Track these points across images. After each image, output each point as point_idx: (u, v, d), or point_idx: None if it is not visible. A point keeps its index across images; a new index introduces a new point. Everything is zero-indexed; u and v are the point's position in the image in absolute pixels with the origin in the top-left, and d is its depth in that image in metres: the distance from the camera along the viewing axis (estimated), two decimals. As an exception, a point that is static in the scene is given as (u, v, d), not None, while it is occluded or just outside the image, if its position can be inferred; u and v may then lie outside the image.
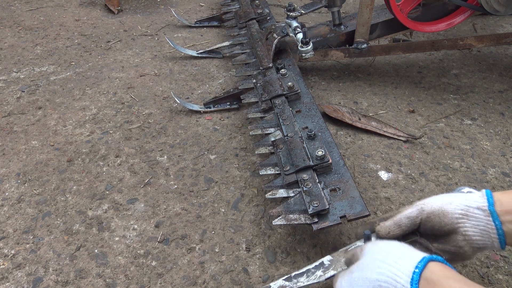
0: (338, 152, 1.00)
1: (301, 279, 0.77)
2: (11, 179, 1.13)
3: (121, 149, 1.23)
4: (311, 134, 1.02)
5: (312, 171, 0.94)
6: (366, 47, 1.44)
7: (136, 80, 1.57)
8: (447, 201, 0.70)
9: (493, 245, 0.67)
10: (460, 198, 0.70)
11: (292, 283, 0.77)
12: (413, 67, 1.64)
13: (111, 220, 1.01)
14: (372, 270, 0.61)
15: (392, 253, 0.62)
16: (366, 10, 1.36)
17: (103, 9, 2.17)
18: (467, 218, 0.67)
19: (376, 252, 0.64)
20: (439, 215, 0.69)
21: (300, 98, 1.20)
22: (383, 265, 0.60)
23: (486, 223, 0.66)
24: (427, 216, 0.70)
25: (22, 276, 0.88)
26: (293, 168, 0.96)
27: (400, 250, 0.63)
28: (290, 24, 1.35)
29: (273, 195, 0.96)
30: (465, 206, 0.68)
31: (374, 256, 0.63)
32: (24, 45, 1.81)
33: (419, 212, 0.71)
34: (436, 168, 1.15)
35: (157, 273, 0.89)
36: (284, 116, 1.12)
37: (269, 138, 1.11)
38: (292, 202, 0.90)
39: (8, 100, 1.45)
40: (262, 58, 1.38)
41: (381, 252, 0.64)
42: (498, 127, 1.31)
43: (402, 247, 0.64)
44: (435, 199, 0.72)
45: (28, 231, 0.98)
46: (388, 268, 0.60)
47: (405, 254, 0.61)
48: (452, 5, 1.44)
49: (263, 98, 1.21)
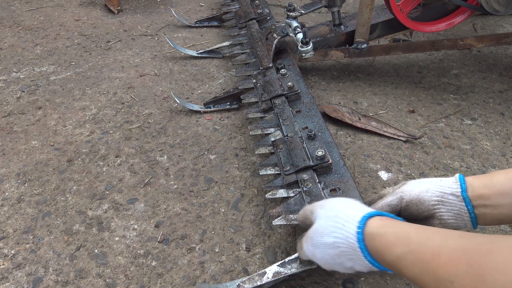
0: (338, 152, 1.00)
1: (294, 265, 0.80)
2: (11, 179, 1.13)
3: (121, 149, 1.23)
4: (311, 134, 1.02)
5: (312, 171, 0.94)
6: (366, 47, 1.44)
7: (136, 80, 1.57)
8: (424, 189, 0.75)
9: (466, 226, 0.73)
10: (436, 185, 0.75)
11: (286, 268, 0.80)
12: (413, 67, 1.64)
13: (111, 220, 1.01)
14: (328, 235, 0.68)
15: (339, 216, 0.68)
16: (366, 10, 1.36)
17: (103, 9, 2.18)
18: (442, 204, 0.73)
19: (326, 217, 0.70)
20: (417, 203, 0.75)
21: (300, 98, 1.20)
22: (335, 229, 0.67)
23: (459, 208, 0.72)
24: (406, 205, 0.76)
25: (22, 276, 0.88)
26: (293, 168, 0.96)
27: (345, 212, 0.68)
28: (290, 24, 1.35)
29: (273, 195, 0.96)
30: (440, 192, 0.73)
31: (325, 222, 0.70)
32: (24, 45, 1.81)
33: (399, 201, 0.77)
34: (436, 168, 1.15)
35: (157, 273, 0.89)
36: (284, 116, 1.12)
37: (269, 138, 1.11)
38: (292, 202, 0.90)
39: (8, 100, 1.45)
40: (262, 58, 1.38)
41: (330, 217, 0.70)
42: (498, 127, 1.31)
43: (345, 207, 0.70)
44: (413, 186, 0.77)
45: (28, 231, 0.98)
46: (339, 231, 0.66)
47: (349, 216, 0.67)
48: (452, 5, 1.44)
49: (263, 98, 1.21)
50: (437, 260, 0.50)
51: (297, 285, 0.86)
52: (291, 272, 0.79)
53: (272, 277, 0.79)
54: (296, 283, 0.86)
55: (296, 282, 0.86)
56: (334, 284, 0.86)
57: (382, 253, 0.60)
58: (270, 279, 0.79)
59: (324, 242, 0.68)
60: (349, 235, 0.65)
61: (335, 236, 0.67)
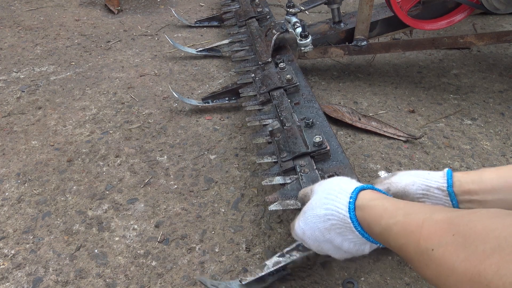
0: (336, 141, 0.98)
1: (293, 253, 0.81)
2: (11, 179, 1.13)
3: (121, 149, 1.23)
4: (309, 122, 1.00)
5: (309, 158, 0.92)
6: (365, 45, 1.44)
7: (136, 80, 1.57)
8: (410, 182, 0.75)
9: None
10: (422, 178, 0.75)
11: (286, 257, 0.80)
12: (413, 67, 1.64)
13: (111, 220, 1.01)
14: (320, 207, 0.70)
15: (333, 189, 0.71)
16: (366, 7, 1.36)
17: (103, 9, 2.18)
18: (427, 198, 0.74)
19: (321, 191, 0.73)
20: (402, 196, 0.75)
21: (299, 91, 1.19)
22: (327, 201, 0.69)
23: (444, 202, 0.72)
24: (392, 196, 0.76)
25: (22, 276, 0.88)
26: (290, 155, 0.94)
27: (339, 185, 0.71)
28: (290, 20, 1.35)
29: (269, 182, 0.94)
30: (426, 186, 0.74)
31: (320, 195, 0.72)
32: (24, 45, 1.81)
33: (385, 192, 0.77)
34: (436, 168, 1.15)
35: (157, 273, 0.89)
36: (282, 107, 1.11)
37: (266, 129, 1.09)
38: (289, 188, 0.89)
39: (8, 100, 1.45)
40: (261, 53, 1.38)
41: (325, 190, 0.72)
42: (498, 127, 1.31)
43: (341, 182, 0.72)
44: (400, 178, 0.77)
45: (28, 231, 0.98)
46: (332, 203, 0.68)
47: (342, 188, 0.70)
48: (453, 3, 1.44)
49: (261, 91, 1.20)
50: (420, 231, 0.52)
51: (298, 285, 0.86)
52: (291, 259, 0.80)
53: (273, 266, 0.79)
54: (296, 283, 0.86)
55: (297, 283, 0.86)
56: (334, 284, 0.86)
57: (372, 224, 0.62)
58: (271, 268, 0.79)
59: (315, 214, 0.70)
60: (341, 205, 0.67)
61: (326, 208, 0.69)
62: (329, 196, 0.70)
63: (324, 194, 0.71)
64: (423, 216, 0.54)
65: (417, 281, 0.86)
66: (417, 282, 0.86)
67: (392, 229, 0.57)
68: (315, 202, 0.72)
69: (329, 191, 0.71)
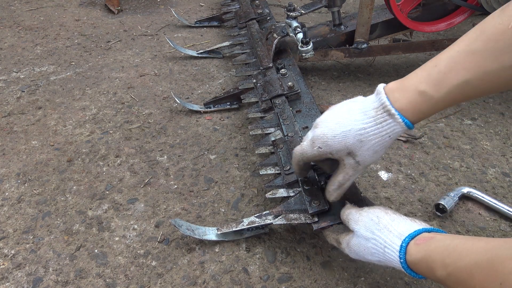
0: None
1: (269, 217, 0.90)
2: (11, 179, 1.13)
3: (121, 149, 1.23)
4: None
5: (312, 171, 0.94)
6: (366, 47, 1.44)
7: (136, 80, 1.57)
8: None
9: None
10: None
11: (261, 219, 0.90)
12: (413, 67, 1.64)
13: (111, 220, 1.01)
14: (372, 255, 0.73)
15: (377, 240, 0.72)
16: (366, 10, 1.36)
17: (103, 9, 2.18)
18: None
19: (363, 239, 0.74)
20: None
21: (300, 98, 1.20)
22: (376, 251, 0.72)
23: None
24: None
25: (22, 276, 0.88)
26: None
27: (382, 237, 0.71)
28: (290, 24, 1.35)
29: (273, 194, 0.96)
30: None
31: (365, 244, 0.74)
32: (24, 45, 1.81)
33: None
34: (436, 168, 1.15)
35: (157, 273, 0.89)
36: (284, 116, 1.12)
37: (269, 138, 1.11)
38: (292, 202, 0.90)
39: (8, 100, 1.45)
40: (262, 58, 1.38)
41: (368, 240, 0.73)
42: (498, 127, 1.31)
43: (380, 232, 0.72)
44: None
45: (28, 231, 0.98)
46: (382, 256, 0.71)
47: (387, 242, 0.70)
48: (452, 5, 1.44)
49: (263, 98, 1.21)
50: (471, 282, 0.55)
51: (298, 286, 0.86)
52: (265, 223, 0.89)
53: (247, 225, 0.90)
54: (296, 283, 0.86)
55: (297, 283, 0.86)
56: (334, 284, 0.86)
57: (426, 275, 0.66)
58: (245, 226, 0.90)
59: (367, 259, 0.74)
60: (393, 260, 0.69)
61: (378, 257, 0.72)
62: (376, 248, 0.72)
63: (370, 244, 0.73)
64: (469, 262, 0.56)
65: (417, 281, 0.86)
66: (417, 282, 0.86)
67: (448, 279, 0.60)
68: (363, 247, 0.74)
69: (372, 241, 0.72)
